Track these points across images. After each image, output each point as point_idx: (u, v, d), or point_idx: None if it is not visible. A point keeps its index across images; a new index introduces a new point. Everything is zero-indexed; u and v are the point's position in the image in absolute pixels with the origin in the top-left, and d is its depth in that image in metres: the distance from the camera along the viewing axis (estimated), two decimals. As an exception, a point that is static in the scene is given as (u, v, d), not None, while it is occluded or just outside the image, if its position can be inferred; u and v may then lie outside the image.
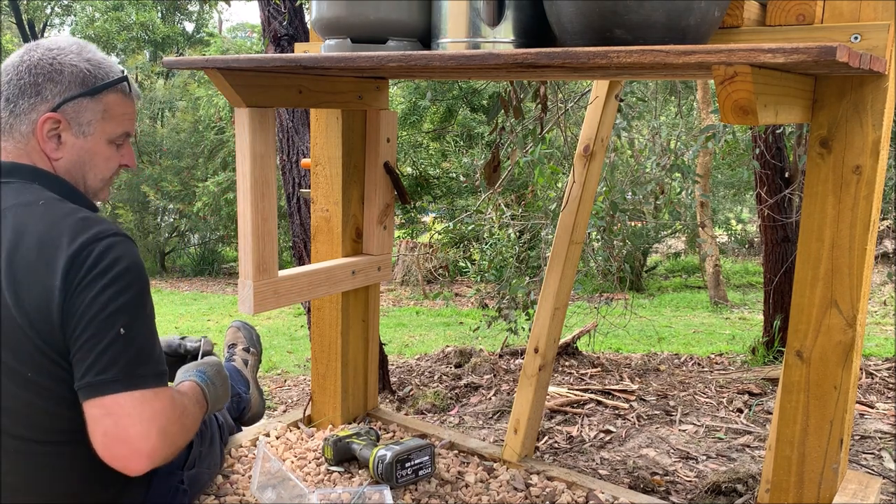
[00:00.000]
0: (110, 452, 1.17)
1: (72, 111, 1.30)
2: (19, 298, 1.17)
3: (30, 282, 1.17)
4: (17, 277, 1.17)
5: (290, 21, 3.03)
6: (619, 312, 4.90)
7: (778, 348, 4.08)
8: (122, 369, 1.16)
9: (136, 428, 1.15)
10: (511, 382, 3.62)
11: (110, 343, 1.16)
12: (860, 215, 1.21)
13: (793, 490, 1.32)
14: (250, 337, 2.23)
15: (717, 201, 10.02)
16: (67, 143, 1.32)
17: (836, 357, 1.26)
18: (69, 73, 1.30)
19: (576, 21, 1.13)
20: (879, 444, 2.76)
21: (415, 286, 9.99)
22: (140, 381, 1.18)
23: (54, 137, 1.30)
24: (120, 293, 1.18)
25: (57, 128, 1.30)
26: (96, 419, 1.17)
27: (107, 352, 1.16)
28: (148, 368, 1.20)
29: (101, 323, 1.16)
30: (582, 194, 1.99)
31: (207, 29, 17.63)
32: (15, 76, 1.28)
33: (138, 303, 1.21)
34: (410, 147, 9.93)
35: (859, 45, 1.14)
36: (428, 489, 1.75)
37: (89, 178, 1.37)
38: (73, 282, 1.16)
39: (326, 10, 1.40)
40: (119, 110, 1.37)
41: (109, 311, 1.17)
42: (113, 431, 1.16)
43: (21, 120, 1.29)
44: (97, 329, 1.16)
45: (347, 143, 1.91)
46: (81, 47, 1.34)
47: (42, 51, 1.30)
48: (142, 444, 1.15)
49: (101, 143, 1.35)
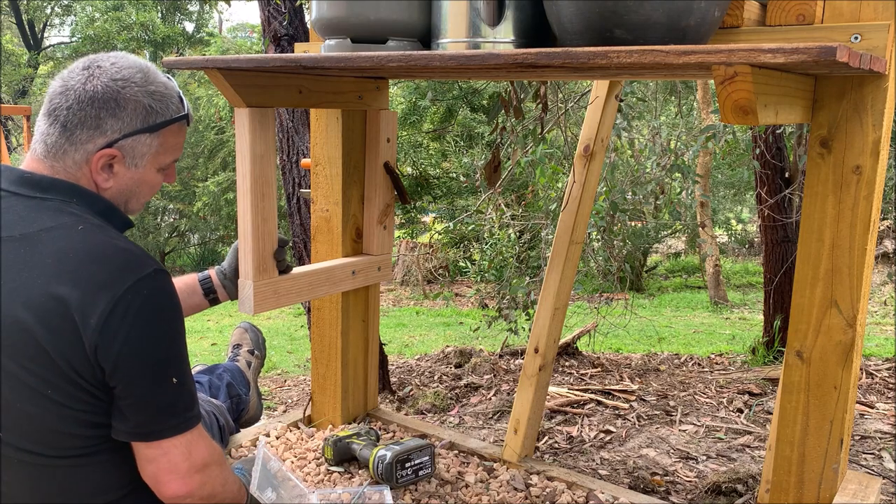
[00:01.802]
0: (159, 485, 1.26)
1: (129, 146, 1.28)
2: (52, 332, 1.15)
3: (61, 315, 1.15)
4: (49, 311, 1.15)
5: (290, 21, 3.03)
6: (619, 312, 4.90)
7: (778, 348, 4.08)
8: (178, 415, 1.24)
9: (185, 465, 1.25)
10: (511, 382, 3.62)
11: (164, 394, 1.22)
12: (860, 215, 1.21)
13: (793, 490, 1.32)
14: (256, 340, 2.26)
15: (718, 201, 10.02)
16: (118, 174, 1.30)
17: (836, 357, 1.26)
18: (132, 109, 1.27)
19: (576, 21, 1.13)
20: (879, 444, 2.76)
21: (415, 286, 9.99)
22: (191, 422, 1.26)
23: (107, 168, 1.29)
24: (168, 341, 1.22)
25: (112, 163, 1.29)
26: (151, 458, 1.24)
27: (164, 403, 1.22)
28: (195, 408, 1.28)
29: (156, 376, 1.21)
30: (582, 194, 1.99)
31: (207, 29, 17.62)
32: (76, 104, 1.24)
33: (181, 344, 1.26)
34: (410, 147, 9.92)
35: (859, 45, 1.14)
36: (428, 489, 1.75)
37: (131, 203, 1.36)
38: (115, 331, 1.16)
39: (326, 11, 1.40)
40: (173, 141, 1.36)
41: (162, 363, 1.22)
42: (166, 468, 1.24)
43: (77, 149, 1.26)
44: (151, 382, 1.21)
45: (347, 143, 1.91)
46: (146, 77, 1.30)
47: (107, 79, 1.26)
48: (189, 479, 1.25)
49: (151, 172, 1.34)
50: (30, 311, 1.15)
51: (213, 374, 2.07)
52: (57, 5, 16.59)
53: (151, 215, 12.59)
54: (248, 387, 2.12)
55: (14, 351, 1.17)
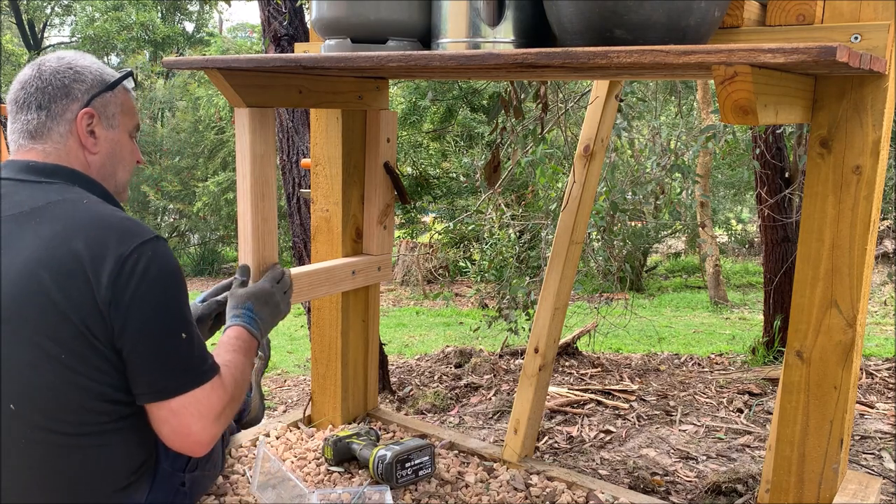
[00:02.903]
0: (177, 444, 1.29)
1: (100, 105, 1.38)
2: (66, 292, 1.20)
3: (75, 273, 1.21)
4: (64, 277, 1.21)
5: (291, 21, 3.03)
6: (619, 312, 4.90)
7: (778, 348, 4.07)
8: (188, 373, 1.27)
9: (198, 423, 1.27)
10: (511, 382, 3.62)
11: (177, 351, 1.26)
12: (860, 215, 1.21)
13: (793, 490, 1.32)
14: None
15: (717, 201, 10.01)
16: (101, 137, 1.39)
17: (836, 357, 1.26)
18: (89, 74, 1.38)
19: (576, 21, 1.13)
20: (879, 444, 2.76)
21: (415, 286, 9.99)
22: (199, 378, 1.28)
23: (90, 134, 1.37)
24: (175, 301, 1.27)
25: (91, 122, 1.37)
26: (163, 419, 1.27)
27: (175, 360, 1.26)
28: (206, 364, 1.30)
29: (165, 331, 1.25)
30: (582, 194, 1.99)
31: (207, 29, 17.62)
32: (40, 84, 1.34)
33: (185, 296, 1.31)
34: (410, 147, 9.92)
35: (859, 45, 1.14)
36: (428, 489, 1.75)
37: (119, 173, 1.44)
38: (124, 287, 1.21)
39: (326, 11, 1.40)
40: (129, 104, 1.46)
41: (171, 322, 1.26)
42: (178, 429, 1.27)
43: (58, 121, 1.35)
44: (159, 339, 1.25)
45: (347, 143, 1.91)
46: (84, 55, 1.43)
47: (54, 61, 1.38)
48: (203, 435, 1.27)
49: (125, 135, 1.44)
50: (47, 270, 1.20)
51: None
52: (57, 5, 16.59)
53: (152, 215, 12.59)
54: (250, 388, 2.12)
55: (30, 312, 1.20)
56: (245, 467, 1.82)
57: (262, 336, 1.55)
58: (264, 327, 1.57)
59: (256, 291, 1.59)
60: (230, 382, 1.35)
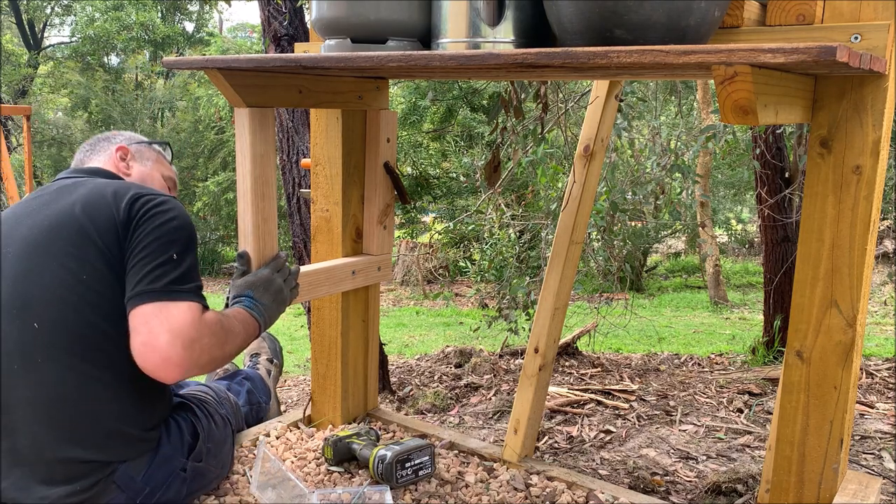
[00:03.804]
0: (145, 360, 1.31)
1: (135, 150, 1.72)
2: (92, 218, 1.41)
3: (101, 205, 1.42)
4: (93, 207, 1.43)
5: (291, 21, 3.03)
6: (619, 312, 4.90)
7: (778, 348, 4.07)
8: (165, 284, 1.35)
9: (166, 336, 1.30)
10: (511, 382, 3.62)
11: (163, 263, 1.36)
12: (860, 215, 1.21)
13: (793, 490, 1.32)
14: (274, 348, 2.31)
15: (718, 201, 10.02)
16: (133, 168, 1.69)
17: (836, 357, 1.26)
18: (128, 134, 1.76)
19: (576, 21, 1.13)
20: (879, 444, 2.76)
21: (415, 286, 9.99)
22: (177, 295, 1.34)
23: (125, 163, 1.69)
24: (178, 229, 1.42)
25: (126, 156, 1.69)
26: (136, 329, 1.32)
27: (157, 269, 1.36)
28: (188, 286, 1.37)
29: (159, 246, 1.38)
30: (582, 194, 1.99)
31: (207, 29, 17.62)
32: (89, 143, 1.73)
33: (191, 240, 1.44)
34: (410, 147, 9.92)
35: (859, 45, 1.14)
36: (428, 489, 1.75)
37: None
38: (139, 210, 1.41)
39: (326, 11, 1.40)
40: (163, 161, 1.78)
41: (168, 239, 1.39)
42: (147, 339, 1.31)
43: (99, 156, 1.69)
44: (154, 250, 1.37)
45: (347, 143, 1.91)
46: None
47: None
48: (171, 350, 1.29)
49: (157, 173, 1.73)
50: (80, 206, 1.43)
51: (233, 381, 2.11)
52: (57, 5, 16.58)
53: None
54: (268, 395, 2.15)
55: (62, 234, 1.40)
56: (245, 467, 1.82)
57: (264, 322, 1.55)
58: (267, 313, 1.56)
59: (255, 279, 1.58)
60: (213, 323, 1.37)
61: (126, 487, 1.43)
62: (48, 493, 1.36)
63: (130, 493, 1.44)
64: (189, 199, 11.78)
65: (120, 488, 1.43)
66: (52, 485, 1.36)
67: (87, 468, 1.39)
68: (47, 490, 1.36)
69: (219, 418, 1.74)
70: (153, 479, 1.47)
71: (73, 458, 1.37)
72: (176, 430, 1.57)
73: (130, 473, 1.44)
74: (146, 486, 1.46)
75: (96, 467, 1.40)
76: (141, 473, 1.45)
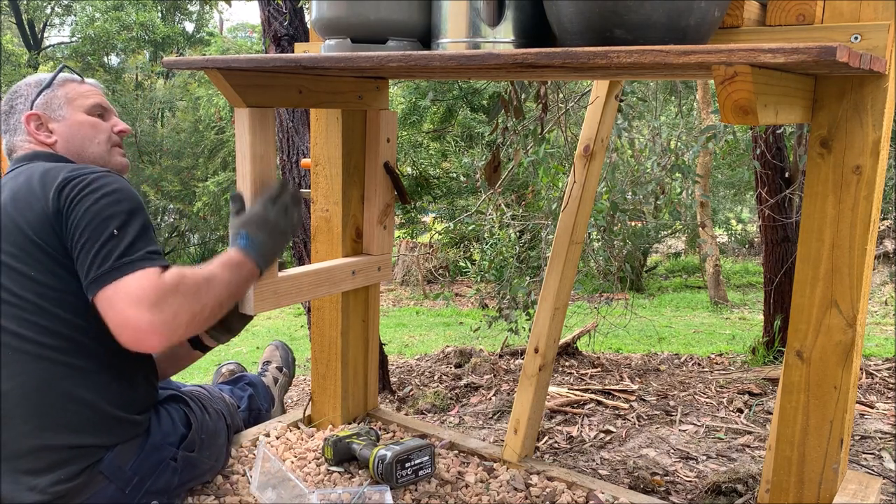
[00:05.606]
0: (124, 339, 1.31)
1: (42, 105, 1.59)
2: (24, 214, 1.39)
3: (31, 200, 1.40)
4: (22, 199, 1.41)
5: (291, 21, 3.03)
6: (619, 312, 4.90)
7: (778, 348, 4.07)
8: (113, 262, 1.33)
9: (131, 309, 1.29)
10: (511, 382, 3.62)
11: (104, 243, 1.34)
12: (860, 215, 1.21)
13: (793, 490, 1.32)
14: (286, 358, 2.35)
15: (718, 201, 10.02)
16: (54, 130, 1.59)
17: (836, 357, 1.26)
18: (25, 87, 1.62)
19: (576, 21, 1.13)
20: (879, 444, 2.76)
21: (415, 286, 9.99)
22: (128, 268, 1.33)
23: (43, 129, 1.59)
24: (112, 204, 1.38)
25: (39, 121, 1.59)
26: (105, 313, 1.32)
27: (101, 251, 1.34)
28: (137, 255, 1.35)
29: (97, 227, 1.35)
30: (582, 194, 1.99)
31: (207, 29, 17.61)
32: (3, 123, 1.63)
33: (131, 211, 1.40)
34: (410, 147, 9.93)
35: (859, 45, 1.14)
36: (428, 489, 1.75)
37: (88, 147, 1.61)
38: (67, 196, 1.37)
39: (326, 11, 1.40)
40: (74, 91, 1.63)
41: (103, 217, 1.36)
42: (117, 319, 1.31)
43: (17, 135, 1.60)
44: (92, 233, 1.35)
45: (347, 143, 1.91)
46: (32, 76, 1.67)
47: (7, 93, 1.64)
48: (140, 321, 1.29)
49: (77, 115, 1.61)
50: (12, 202, 1.42)
51: (236, 386, 2.12)
52: (57, 5, 16.57)
53: (151, 215, 12.61)
54: (270, 402, 2.17)
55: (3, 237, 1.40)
56: (245, 467, 1.82)
57: (262, 257, 1.53)
58: (264, 249, 1.53)
59: (247, 218, 1.56)
60: (176, 279, 1.35)
61: (114, 477, 1.43)
62: (35, 482, 1.36)
63: (119, 482, 1.44)
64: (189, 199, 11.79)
65: (107, 478, 1.43)
66: (38, 474, 1.37)
67: (70, 454, 1.39)
68: (34, 480, 1.37)
69: (212, 411, 1.75)
70: (142, 468, 1.47)
71: (55, 444, 1.38)
72: (167, 418, 1.57)
73: (118, 463, 1.43)
74: (135, 475, 1.46)
75: (80, 453, 1.39)
76: (129, 462, 1.45)
